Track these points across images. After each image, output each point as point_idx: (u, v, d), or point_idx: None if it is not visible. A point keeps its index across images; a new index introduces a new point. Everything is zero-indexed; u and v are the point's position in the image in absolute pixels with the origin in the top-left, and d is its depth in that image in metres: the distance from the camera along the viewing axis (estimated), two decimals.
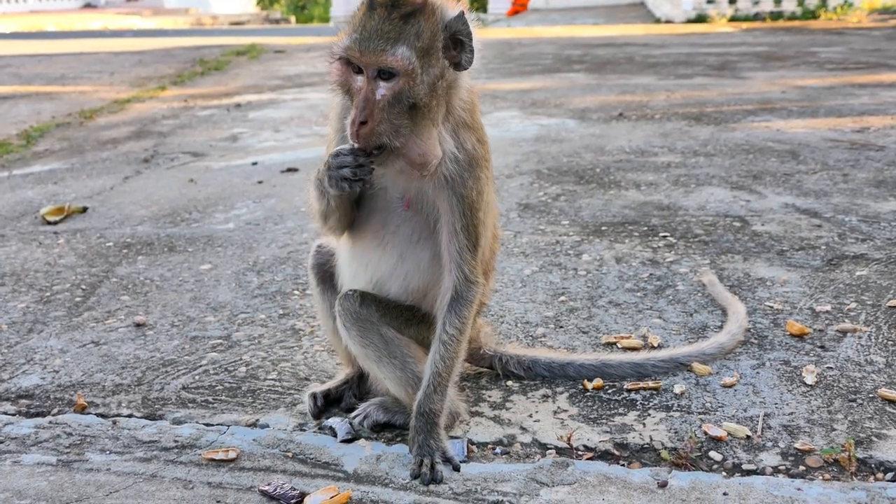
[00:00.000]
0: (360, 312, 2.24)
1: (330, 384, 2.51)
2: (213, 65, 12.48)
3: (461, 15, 1.97)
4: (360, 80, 1.96)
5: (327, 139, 2.24)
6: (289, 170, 5.59)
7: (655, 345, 2.80)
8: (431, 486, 2.05)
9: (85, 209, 4.76)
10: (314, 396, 2.44)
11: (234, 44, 16.08)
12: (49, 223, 4.54)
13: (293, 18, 34.92)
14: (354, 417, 2.36)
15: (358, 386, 2.52)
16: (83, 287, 3.56)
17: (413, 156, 2.01)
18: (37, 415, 2.50)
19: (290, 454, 2.23)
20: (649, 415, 2.37)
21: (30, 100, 9.47)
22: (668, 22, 19.34)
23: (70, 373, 2.77)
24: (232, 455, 2.22)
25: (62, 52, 15.20)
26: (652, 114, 7.13)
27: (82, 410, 2.51)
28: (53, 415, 2.49)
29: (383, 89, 1.93)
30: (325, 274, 2.47)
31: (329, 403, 2.46)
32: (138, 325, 3.13)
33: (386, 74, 1.93)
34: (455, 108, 2.09)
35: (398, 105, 1.94)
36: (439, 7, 1.97)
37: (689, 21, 18.90)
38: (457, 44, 1.99)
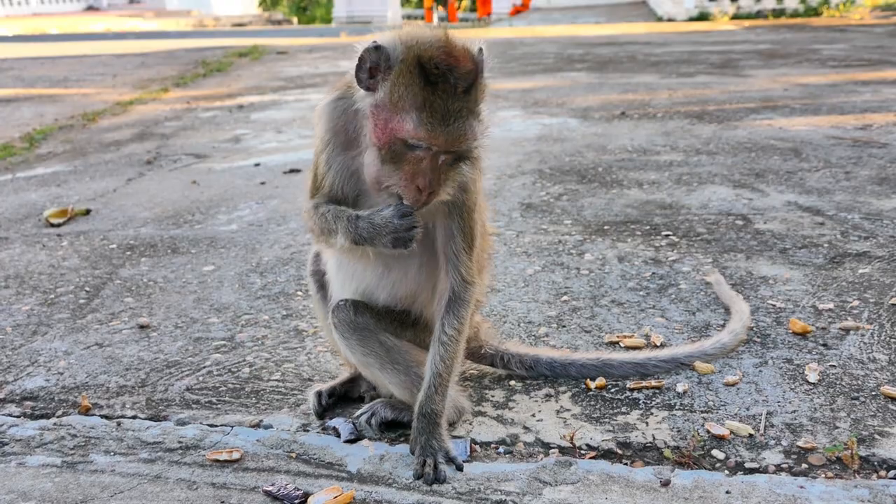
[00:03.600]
0: (357, 321, 2.24)
1: (334, 382, 2.51)
2: (216, 66, 12.49)
3: (481, 51, 1.97)
4: (419, 152, 1.92)
5: (315, 169, 2.17)
6: (291, 171, 5.60)
7: (658, 343, 2.80)
8: (435, 486, 2.06)
9: (88, 211, 4.78)
10: (319, 395, 2.44)
11: (237, 45, 16.09)
12: (52, 225, 4.55)
13: (295, 19, 34.95)
14: (361, 415, 2.36)
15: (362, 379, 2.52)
16: (87, 289, 3.57)
17: None
18: (41, 416, 2.51)
19: (293, 455, 2.24)
20: (652, 414, 2.37)
21: (32, 102, 9.49)
22: (669, 20, 19.32)
23: (74, 375, 2.78)
24: (236, 456, 2.22)
25: (65, 55, 15.22)
26: (654, 112, 7.13)
27: (87, 412, 2.52)
28: (58, 416, 2.50)
29: (445, 156, 1.94)
30: (324, 280, 2.47)
31: (334, 401, 2.47)
32: (142, 327, 3.14)
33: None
34: None
35: (456, 165, 1.98)
36: (480, 59, 1.96)
37: (692, 19, 18.89)
38: None
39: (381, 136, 1.93)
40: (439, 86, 1.88)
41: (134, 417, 2.49)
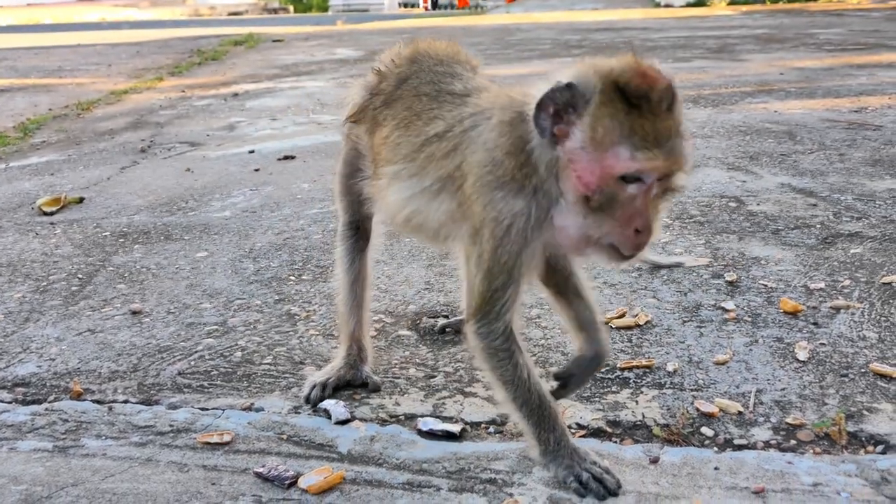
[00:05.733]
0: None
1: (337, 373, 2.48)
2: (211, 55, 12.45)
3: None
4: (633, 188, 1.74)
5: (489, 278, 1.90)
6: (285, 157, 5.59)
7: (643, 322, 2.81)
8: (424, 465, 2.06)
9: (81, 199, 4.77)
10: (323, 387, 2.43)
11: (232, 33, 16.04)
12: (46, 214, 4.55)
13: (291, 8, 34.77)
14: None
15: (358, 357, 2.52)
16: (79, 276, 3.57)
17: None
18: (33, 402, 2.52)
19: (284, 436, 2.24)
20: (642, 392, 2.38)
21: (26, 92, 9.46)
22: (667, 6, 19.28)
23: (66, 360, 2.78)
24: (227, 438, 2.23)
25: (59, 45, 15.17)
26: None
27: (78, 397, 2.52)
28: (49, 402, 2.50)
29: (656, 188, 1.77)
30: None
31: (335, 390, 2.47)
32: (134, 313, 3.14)
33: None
34: None
35: (665, 199, 1.83)
36: (671, 76, 1.80)
37: (689, 4, 18.85)
38: None
39: (592, 179, 1.74)
40: (643, 107, 1.71)
41: (125, 402, 2.49)
